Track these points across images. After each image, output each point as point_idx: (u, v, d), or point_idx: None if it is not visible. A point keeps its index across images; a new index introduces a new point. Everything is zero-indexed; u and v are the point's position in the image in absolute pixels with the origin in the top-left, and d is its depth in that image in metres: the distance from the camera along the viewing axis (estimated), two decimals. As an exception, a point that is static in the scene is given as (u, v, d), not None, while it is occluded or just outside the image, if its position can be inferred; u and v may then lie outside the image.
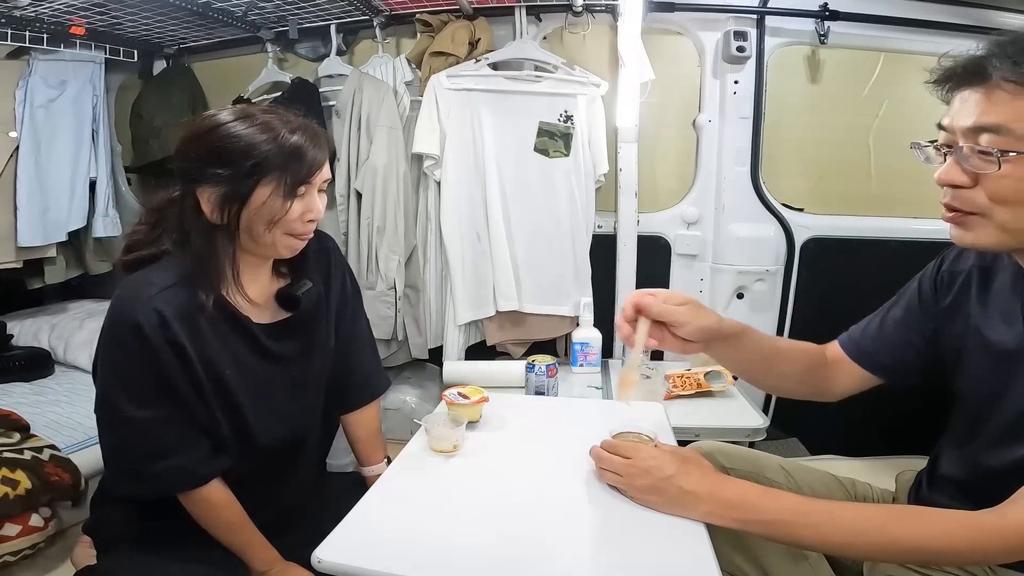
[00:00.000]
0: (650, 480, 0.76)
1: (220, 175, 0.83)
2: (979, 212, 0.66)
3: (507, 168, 1.76)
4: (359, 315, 1.13)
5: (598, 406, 1.34)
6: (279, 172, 0.84)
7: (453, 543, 0.71)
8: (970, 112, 0.65)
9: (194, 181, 0.85)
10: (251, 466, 0.93)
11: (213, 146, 0.84)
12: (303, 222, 0.89)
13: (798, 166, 1.84)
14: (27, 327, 1.98)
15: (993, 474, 0.75)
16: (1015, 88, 0.62)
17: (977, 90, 0.65)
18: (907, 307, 0.90)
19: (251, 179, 0.83)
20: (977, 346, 0.80)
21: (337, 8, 1.77)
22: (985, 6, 1.69)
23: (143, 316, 0.80)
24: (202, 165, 0.84)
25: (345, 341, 1.08)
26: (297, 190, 0.87)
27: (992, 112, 0.63)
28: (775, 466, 1.02)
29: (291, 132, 0.86)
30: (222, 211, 0.85)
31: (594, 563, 0.68)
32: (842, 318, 1.02)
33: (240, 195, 0.84)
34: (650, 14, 1.69)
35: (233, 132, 0.84)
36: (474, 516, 0.77)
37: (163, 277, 0.85)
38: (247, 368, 0.91)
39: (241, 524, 0.91)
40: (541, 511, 0.78)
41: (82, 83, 1.96)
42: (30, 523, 1.11)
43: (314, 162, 0.87)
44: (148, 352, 0.81)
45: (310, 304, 0.99)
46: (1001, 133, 0.62)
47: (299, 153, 0.85)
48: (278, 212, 0.85)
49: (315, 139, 0.88)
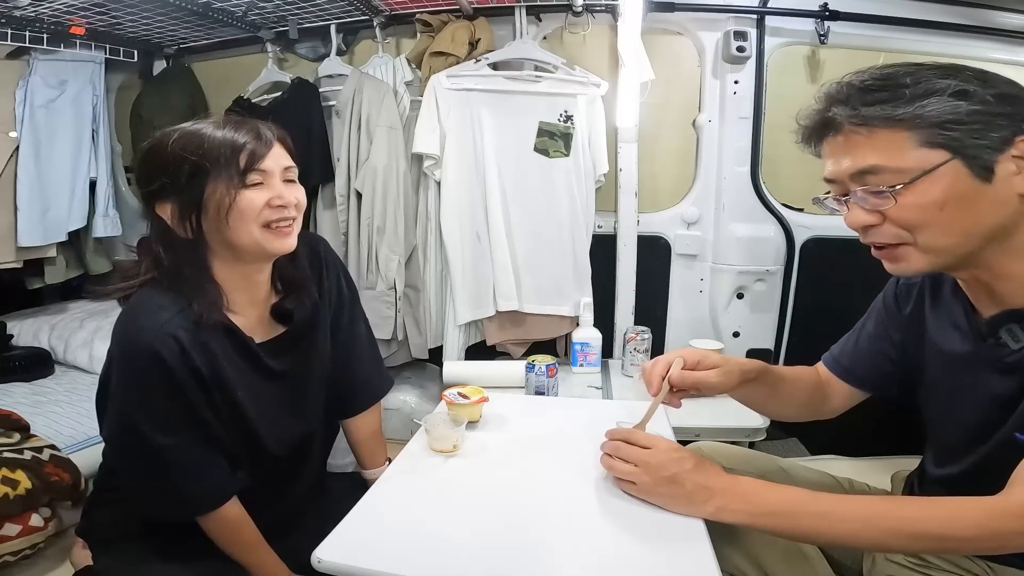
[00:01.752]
0: (670, 472, 0.74)
1: (168, 186, 0.84)
2: (902, 241, 0.68)
3: (507, 168, 1.76)
4: (357, 317, 1.11)
5: (598, 406, 1.34)
6: (219, 167, 0.83)
7: (453, 543, 0.71)
8: (843, 161, 0.69)
9: (151, 199, 0.86)
10: (257, 475, 0.94)
11: (155, 161, 0.85)
12: (272, 208, 0.86)
13: (798, 166, 1.84)
14: (27, 327, 1.98)
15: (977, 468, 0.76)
16: (866, 130, 0.66)
17: (837, 140, 0.69)
18: (876, 320, 0.93)
19: (196, 180, 0.83)
20: (932, 354, 0.83)
21: (337, 8, 1.77)
22: (985, 6, 1.69)
23: (161, 344, 0.80)
24: (151, 182, 0.85)
25: (343, 346, 1.07)
26: (247, 179, 0.84)
27: (861, 156, 0.67)
28: (775, 466, 1.02)
29: (219, 128, 0.85)
30: (183, 222, 0.84)
31: (594, 563, 0.68)
32: (842, 318, 1.02)
33: (193, 200, 0.83)
34: (650, 14, 1.69)
35: (169, 143, 0.84)
36: (474, 516, 0.77)
37: (169, 300, 0.84)
38: (252, 387, 0.91)
39: (255, 543, 0.91)
40: (541, 511, 0.78)
41: (82, 83, 1.96)
42: (30, 523, 1.11)
43: (252, 149, 0.85)
44: (170, 380, 0.81)
45: (305, 316, 0.98)
46: (879, 172, 0.66)
47: (231, 143, 0.84)
48: (237, 206, 0.83)
49: (247, 128, 0.87)
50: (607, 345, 1.85)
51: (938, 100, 0.63)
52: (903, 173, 0.64)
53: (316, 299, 1.00)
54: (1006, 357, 0.71)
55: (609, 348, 1.90)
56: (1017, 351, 0.69)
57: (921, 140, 0.64)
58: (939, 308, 0.83)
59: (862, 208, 0.69)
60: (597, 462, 0.89)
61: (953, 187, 0.64)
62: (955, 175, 0.64)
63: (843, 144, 0.69)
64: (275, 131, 0.91)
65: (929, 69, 0.65)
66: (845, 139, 0.68)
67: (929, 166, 0.64)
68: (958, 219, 0.65)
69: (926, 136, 0.63)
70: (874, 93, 0.66)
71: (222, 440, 0.88)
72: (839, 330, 1.00)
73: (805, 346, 1.85)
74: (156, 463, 0.84)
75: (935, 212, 0.65)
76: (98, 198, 2.04)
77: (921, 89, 0.64)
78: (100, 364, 1.76)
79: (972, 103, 0.63)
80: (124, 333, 0.83)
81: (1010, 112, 0.63)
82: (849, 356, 0.95)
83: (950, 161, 0.63)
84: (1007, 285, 0.70)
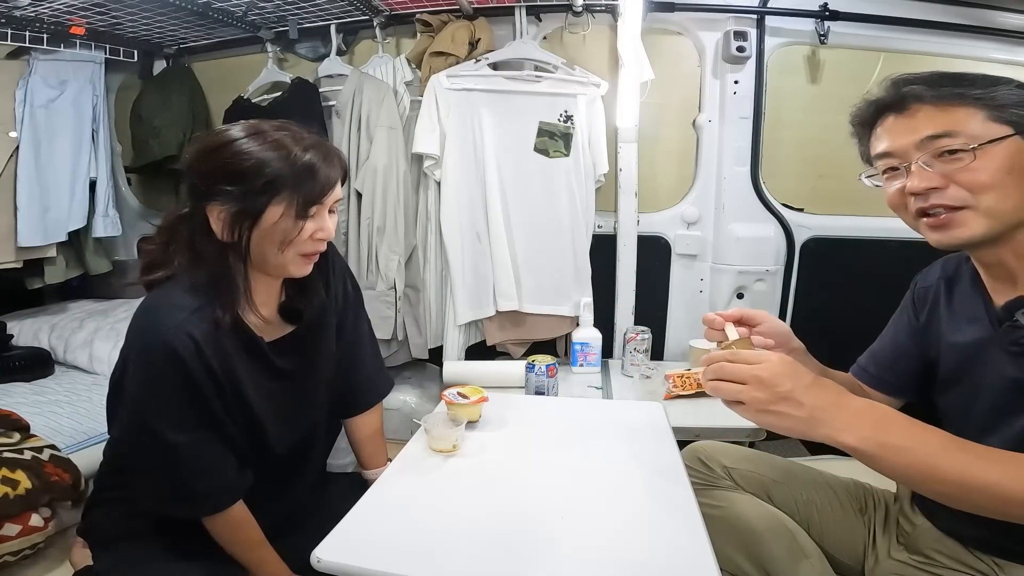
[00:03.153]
0: (786, 387, 0.66)
1: (230, 193, 0.81)
2: (964, 205, 0.71)
3: (507, 168, 1.76)
4: (361, 318, 1.12)
5: (598, 406, 1.34)
6: (291, 191, 0.82)
7: (453, 543, 0.71)
8: (912, 131, 0.72)
9: (204, 198, 0.83)
10: (261, 473, 0.94)
11: (223, 163, 0.82)
12: (313, 241, 0.87)
13: (798, 166, 1.84)
14: (27, 327, 1.98)
15: None
16: (938, 106, 0.71)
17: (904, 117, 0.74)
18: (897, 326, 0.95)
19: (262, 198, 0.81)
20: (946, 351, 0.84)
21: (337, 8, 1.77)
22: (985, 6, 1.69)
23: (178, 343, 0.80)
24: (212, 182, 0.82)
25: (348, 345, 1.08)
26: (309, 210, 0.84)
27: (937, 124, 0.71)
28: (775, 466, 1.02)
29: (304, 150, 0.83)
30: (232, 230, 0.83)
31: (594, 563, 0.68)
32: (842, 318, 1.02)
33: (251, 214, 0.82)
34: (650, 14, 1.69)
35: (244, 149, 0.81)
36: (474, 516, 0.77)
37: (187, 299, 0.83)
38: (261, 385, 0.92)
39: (257, 542, 0.91)
40: (541, 511, 0.78)
41: (82, 83, 1.96)
42: (30, 523, 1.11)
43: (327, 181, 0.85)
44: (186, 378, 0.81)
45: (313, 316, 0.98)
46: (955, 135, 0.70)
47: (312, 172, 0.83)
48: (290, 232, 0.84)
49: (328, 158, 0.86)
50: (607, 345, 1.85)
51: (1006, 88, 0.70)
52: (975, 138, 0.69)
53: (324, 299, 1.00)
54: (1022, 339, 0.71)
55: (609, 348, 1.90)
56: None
57: (994, 116, 0.69)
58: (954, 306, 0.84)
59: (925, 172, 0.71)
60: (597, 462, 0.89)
61: (1017, 157, 0.69)
62: (1018, 148, 0.69)
63: (911, 119, 0.73)
64: (345, 162, 0.91)
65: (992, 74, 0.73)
66: (915, 114, 0.73)
67: (1000, 134, 0.69)
68: (1020, 186, 0.69)
69: (999, 113, 0.69)
70: (947, 79, 0.72)
71: (232, 438, 0.89)
72: (839, 330, 1.00)
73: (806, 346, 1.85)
74: (169, 461, 0.84)
75: (1004, 175, 0.69)
76: (98, 198, 2.04)
77: (990, 80, 0.71)
78: (100, 364, 1.79)
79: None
80: (142, 331, 0.83)
81: None
82: (876, 364, 0.96)
83: (1014, 135, 0.69)
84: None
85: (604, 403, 1.50)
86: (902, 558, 0.87)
